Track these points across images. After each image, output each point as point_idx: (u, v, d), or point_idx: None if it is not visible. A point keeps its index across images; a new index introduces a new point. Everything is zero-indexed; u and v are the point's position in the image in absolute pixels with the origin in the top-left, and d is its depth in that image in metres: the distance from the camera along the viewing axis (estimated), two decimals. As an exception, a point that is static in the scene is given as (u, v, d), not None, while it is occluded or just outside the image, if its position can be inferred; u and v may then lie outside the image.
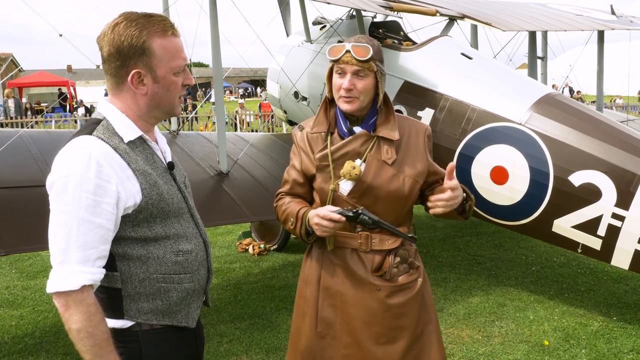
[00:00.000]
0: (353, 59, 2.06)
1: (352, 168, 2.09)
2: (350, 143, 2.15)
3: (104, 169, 1.54)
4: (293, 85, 5.87)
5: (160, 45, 1.63)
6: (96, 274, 1.55)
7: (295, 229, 2.17)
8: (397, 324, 2.16)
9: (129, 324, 1.65)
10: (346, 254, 2.16)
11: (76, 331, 1.50)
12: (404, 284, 2.17)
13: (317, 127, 2.21)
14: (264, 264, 5.94)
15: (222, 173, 4.68)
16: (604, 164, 3.89)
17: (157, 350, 1.68)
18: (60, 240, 1.52)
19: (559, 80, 17.32)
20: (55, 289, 1.51)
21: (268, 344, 4.07)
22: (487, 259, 5.94)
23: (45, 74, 30.83)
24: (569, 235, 4.01)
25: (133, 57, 1.61)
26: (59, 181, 1.53)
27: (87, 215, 1.51)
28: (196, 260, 1.75)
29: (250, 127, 18.60)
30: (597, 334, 4.15)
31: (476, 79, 4.65)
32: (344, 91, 2.09)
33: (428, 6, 5.08)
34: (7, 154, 3.94)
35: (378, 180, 2.11)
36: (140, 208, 1.62)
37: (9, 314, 4.79)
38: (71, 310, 1.50)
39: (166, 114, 1.75)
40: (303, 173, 2.23)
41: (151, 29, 1.62)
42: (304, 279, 2.28)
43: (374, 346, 2.14)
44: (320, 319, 2.19)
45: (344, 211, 2.00)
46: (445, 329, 4.26)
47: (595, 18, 6.84)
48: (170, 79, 1.66)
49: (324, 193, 2.16)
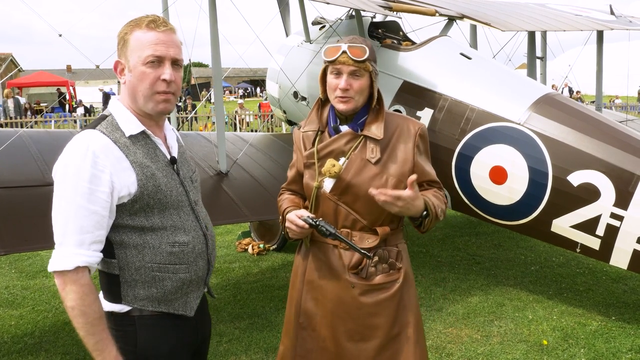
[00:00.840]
0: (350, 60, 2.08)
1: (332, 166, 2.14)
2: (335, 141, 2.19)
3: (99, 159, 1.66)
4: (292, 85, 5.88)
5: (136, 37, 1.73)
6: (91, 257, 1.66)
7: (283, 226, 2.26)
8: (370, 323, 2.18)
9: (126, 308, 1.75)
10: (328, 249, 2.22)
11: (70, 308, 1.63)
12: (380, 284, 2.18)
13: (309, 126, 2.28)
14: (263, 263, 5.94)
15: (222, 173, 4.69)
16: (602, 163, 3.90)
17: (151, 335, 1.77)
18: (60, 225, 1.65)
19: (558, 80, 17.32)
20: (52, 268, 1.64)
21: (267, 343, 4.08)
22: (486, 259, 5.94)
23: (44, 74, 30.83)
24: (567, 235, 4.02)
25: (118, 49, 1.77)
26: (60, 170, 1.66)
27: (83, 202, 1.63)
28: (193, 252, 1.82)
29: (249, 127, 18.60)
30: (596, 334, 4.15)
31: (475, 79, 4.65)
32: (340, 91, 2.11)
33: (427, 6, 5.08)
34: (6, 153, 3.94)
35: (359, 179, 2.13)
36: (136, 198, 1.71)
37: (9, 313, 4.79)
38: (67, 289, 1.63)
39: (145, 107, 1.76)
40: (298, 170, 2.31)
41: (137, 23, 1.74)
42: (295, 271, 2.37)
43: (347, 342, 2.19)
44: (302, 311, 2.26)
45: (307, 219, 2.11)
46: (444, 329, 4.27)
47: (595, 18, 6.85)
48: (139, 69, 1.73)
49: (310, 190, 2.23)
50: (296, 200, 2.33)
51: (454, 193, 4.48)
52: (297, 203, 2.31)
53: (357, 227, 2.18)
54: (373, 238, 2.18)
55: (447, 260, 5.93)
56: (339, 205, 2.17)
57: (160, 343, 1.78)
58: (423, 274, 5.44)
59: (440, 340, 4.08)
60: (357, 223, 2.18)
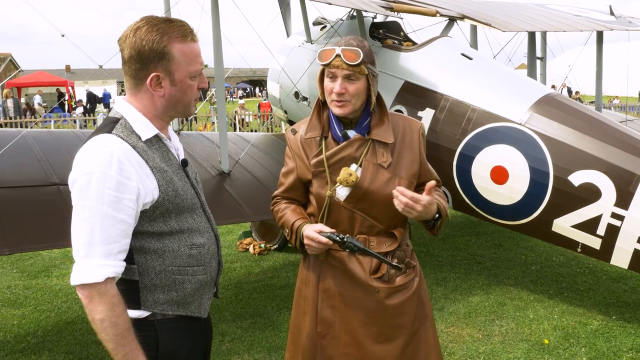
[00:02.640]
0: (343, 64, 2.04)
1: (348, 175, 2.10)
2: (345, 148, 2.15)
3: (124, 166, 1.60)
4: (294, 85, 5.89)
5: (180, 50, 1.68)
6: (118, 267, 1.62)
7: (290, 240, 2.22)
8: (395, 323, 2.19)
9: (145, 314, 1.73)
10: (344, 256, 2.18)
11: (100, 321, 1.57)
12: (402, 285, 2.20)
13: (311, 131, 2.21)
14: (264, 263, 5.96)
15: (224, 173, 4.70)
16: (603, 163, 3.91)
17: (171, 339, 1.76)
18: (84, 235, 1.58)
19: (558, 80, 17.35)
20: (80, 281, 1.57)
21: (270, 342, 4.09)
22: (487, 259, 5.96)
23: (43, 74, 30.75)
24: (568, 234, 4.04)
25: (153, 60, 1.66)
26: (82, 179, 1.59)
27: (110, 210, 1.58)
28: (208, 253, 1.83)
29: (249, 127, 18.60)
30: (597, 333, 4.17)
31: (476, 79, 4.67)
32: (335, 95, 2.08)
33: (428, 7, 5.10)
34: (10, 153, 3.95)
35: (374, 185, 2.12)
36: (157, 204, 1.68)
37: (11, 313, 4.80)
38: (95, 302, 1.57)
39: (181, 114, 1.83)
40: (298, 177, 2.24)
41: (172, 34, 1.67)
42: (303, 280, 2.31)
43: (372, 344, 2.17)
44: (320, 319, 2.22)
45: (331, 236, 2.06)
46: (445, 328, 4.29)
47: (594, 19, 6.87)
48: (187, 83, 1.72)
49: (321, 198, 2.17)
50: (298, 210, 2.25)
51: (455, 193, 4.49)
52: (301, 213, 2.24)
53: (374, 232, 2.17)
54: (390, 241, 2.19)
55: (448, 260, 5.95)
56: (355, 212, 2.15)
57: (180, 346, 1.78)
58: (424, 274, 5.44)
59: (441, 340, 4.10)
60: (374, 228, 2.17)
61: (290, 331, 2.37)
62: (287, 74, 6.02)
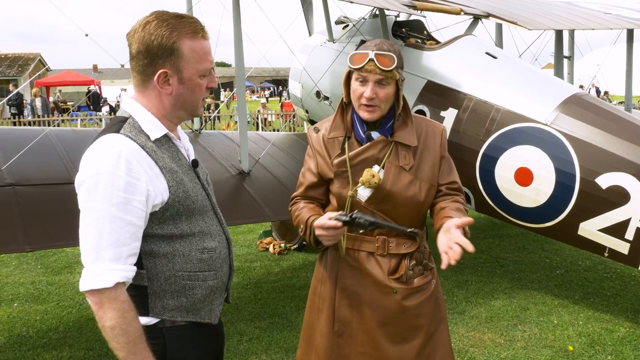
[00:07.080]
0: (377, 69, 2.03)
1: (371, 177, 2.10)
2: (368, 149, 2.15)
3: (133, 166, 1.55)
4: (315, 84, 5.86)
5: (189, 47, 1.63)
6: (128, 271, 1.55)
7: (306, 236, 2.19)
8: (412, 324, 2.20)
9: (154, 321, 1.67)
10: (363, 257, 2.19)
11: (110, 328, 1.51)
12: (420, 286, 2.20)
13: (335, 131, 2.21)
14: (284, 263, 5.94)
15: (244, 172, 4.70)
16: (632, 166, 3.80)
17: (180, 346, 1.70)
18: (92, 238, 1.52)
19: (586, 80, 16.99)
20: (89, 286, 1.51)
21: (287, 343, 4.07)
22: (510, 262, 5.85)
23: (71, 74, 31.34)
24: (595, 238, 3.93)
25: (161, 56, 1.61)
26: (89, 180, 1.53)
27: (119, 212, 1.51)
28: (220, 258, 1.77)
29: (271, 127, 18.66)
30: (624, 340, 4.05)
31: (501, 78, 4.58)
32: (365, 99, 2.07)
33: (452, 5, 5.02)
34: (33, 152, 4.01)
35: (396, 187, 2.12)
36: (167, 205, 1.62)
37: (34, 308, 4.87)
38: (105, 308, 1.50)
39: (189, 114, 1.76)
40: (319, 176, 2.23)
41: (182, 30, 1.62)
42: (319, 278, 2.31)
43: (389, 345, 2.18)
44: (337, 318, 2.23)
45: (339, 217, 1.98)
46: (466, 332, 4.21)
47: (624, 16, 6.69)
48: (195, 81, 1.67)
49: (342, 198, 2.17)
50: (316, 209, 2.22)
51: (477, 194, 4.41)
52: (319, 212, 2.20)
53: (393, 233, 2.16)
54: (409, 243, 2.18)
55: (470, 262, 5.85)
56: (376, 213, 2.13)
57: (189, 354, 1.72)
58: (445, 276, 5.36)
59: (462, 344, 4.03)
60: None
61: (304, 329, 2.37)
62: (309, 73, 6.00)
